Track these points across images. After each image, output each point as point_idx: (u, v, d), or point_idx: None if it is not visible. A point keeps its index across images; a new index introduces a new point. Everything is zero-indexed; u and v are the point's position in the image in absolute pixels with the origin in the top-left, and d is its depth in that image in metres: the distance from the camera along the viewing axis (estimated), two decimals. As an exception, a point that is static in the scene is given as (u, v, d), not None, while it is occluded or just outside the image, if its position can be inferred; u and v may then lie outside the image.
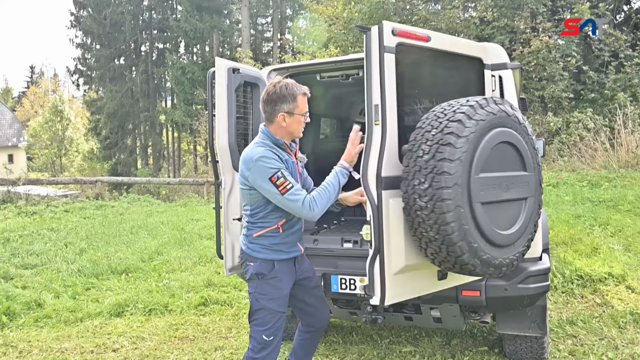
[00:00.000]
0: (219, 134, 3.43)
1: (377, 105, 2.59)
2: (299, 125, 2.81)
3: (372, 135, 2.61)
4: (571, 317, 4.46)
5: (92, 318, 5.16)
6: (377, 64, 2.58)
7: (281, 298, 2.86)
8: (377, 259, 2.59)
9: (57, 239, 9.12)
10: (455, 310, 3.28)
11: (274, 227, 2.80)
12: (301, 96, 2.76)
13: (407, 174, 2.57)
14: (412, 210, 2.55)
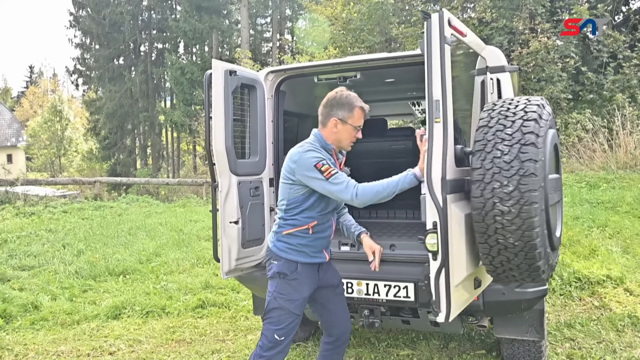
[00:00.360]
0: (216, 137, 3.41)
1: (438, 101, 2.41)
2: (349, 136, 2.84)
3: (434, 134, 2.42)
4: (569, 320, 4.45)
5: (89, 320, 5.14)
6: (438, 55, 2.42)
7: (299, 300, 2.86)
8: (443, 271, 2.40)
9: (55, 240, 9.09)
10: (452, 314, 3.26)
11: (304, 228, 2.83)
12: (359, 109, 2.81)
13: (481, 176, 2.40)
14: (488, 215, 2.38)
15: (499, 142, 2.38)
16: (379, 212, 4.96)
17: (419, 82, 4.91)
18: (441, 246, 2.37)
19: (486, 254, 2.48)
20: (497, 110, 2.53)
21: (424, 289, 3.06)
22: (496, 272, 2.54)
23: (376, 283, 3.33)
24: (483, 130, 2.48)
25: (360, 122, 2.84)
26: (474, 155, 2.46)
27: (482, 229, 2.42)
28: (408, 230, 4.31)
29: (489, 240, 2.42)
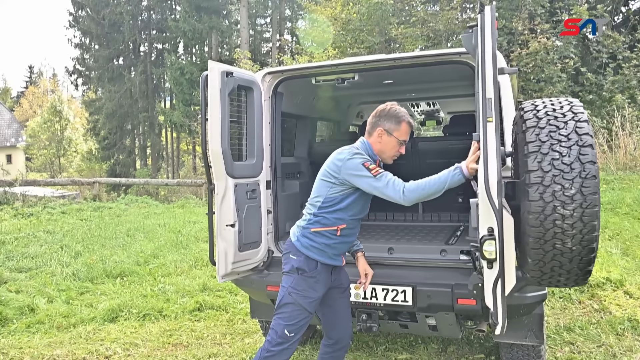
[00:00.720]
0: (212, 139, 3.37)
1: (490, 99, 2.31)
2: (393, 149, 2.89)
3: (487, 134, 2.32)
4: (568, 323, 4.42)
5: (86, 324, 5.11)
6: (490, 50, 2.33)
7: (313, 299, 2.89)
8: (500, 281, 2.28)
9: (53, 242, 9.07)
10: (451, 319, 3.23)
11: (334, 229, 2.87)
12: (406, 124, 2.87)
13: (540, 179, 2.31)
14: (547, 219, 2.29)
15: (555, 144, 2.31)
16: (377, 215, 4.93)
17: (418, 83, 4.92)
18: (499, 253, 2.27)
19: (538, 259, 2.39)
20: (542, 110, 2.46)
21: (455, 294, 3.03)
22: (542, 278, 2.47)
23: (374, 287, 3.29)
24: (533, 131, 2.39)
25: (405, 136, 2.89)
26: (527, 157, 2.36)
27: (538, 233, 2.32)
28: (406, 233, 4.27)
29: (545, 246, 2.34)
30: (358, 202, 2.87)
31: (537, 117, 2.44)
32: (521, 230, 2.43)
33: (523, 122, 2.48)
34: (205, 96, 3.38)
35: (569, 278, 2.43)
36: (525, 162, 2.36)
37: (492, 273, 2.31)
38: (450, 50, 3.41)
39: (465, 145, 4.57)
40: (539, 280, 2.51)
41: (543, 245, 2.34)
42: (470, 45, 2.58)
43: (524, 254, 2.48)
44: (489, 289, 2.32)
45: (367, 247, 3.64)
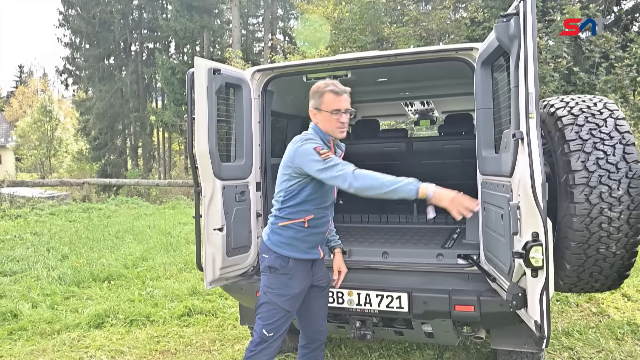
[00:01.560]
0: (199, 139, 3.23)
1: (532, 94, 2.15)
2: (331, 123, 2.74)
3: (530, 131, 2.14)
4: (567, 327, 4.32)
5: (70, 330, 4.93)
6: (531, 41, 2.18)
7: (289, 296, 2.79)
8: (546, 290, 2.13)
9: (40, 244, 8.88)
10: (448, 326, 3.11)
11: (300, 220, 2.77)
12: (328, 93, 2.73)
13: (585, 179, 2.18)
14: (593, 223, 2.17)
15: (598, 142, 2.19)
16: (370, 217, 4.81)
17: (412, 81, 4.80)
18: (546, 260, 2.10)
19: (578, 265, 2.26)
20: (575, 107, 2.34)
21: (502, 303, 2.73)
22: (576, 284, 2.35)
23: (368, 293, 3.17)
24: (572, 128, 2.27)
25: (335, 105, 2.72)
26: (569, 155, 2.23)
27: (582, 238, 2.20)
28: (401, 236, 4.14)
29: (588, 251, 2.22)
30: (319, 190, 2.75)
31: (572, 114, 2.31)
32: (560, 234, 2.30)
33: (557, 120, 2.35)
34: (192, 94, 3.24)
35: (605, 283, 2.33)
36: (567, 161, 2.22)
37: (537, 282, 2.13)
38: (447, 47, 3.29)
39: (461, 145, 4.47)
40: (571, 287, 2.40)
41: (586, 250, 2.22)
42: (506, 36, 2.37)
43: (561, 260, 2.34)
44: (534, 299, 2.15)
45: (361, 252, 3.53)
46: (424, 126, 6.98)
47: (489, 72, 2.94)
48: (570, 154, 2.24)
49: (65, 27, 34.12)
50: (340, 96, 2.74)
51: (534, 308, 2.17)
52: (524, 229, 2.17)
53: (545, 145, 2.53)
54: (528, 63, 2.20)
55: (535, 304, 2.16)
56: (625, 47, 15.03)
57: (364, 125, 5.48)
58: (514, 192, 2.33)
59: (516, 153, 2.31)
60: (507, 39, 2.39)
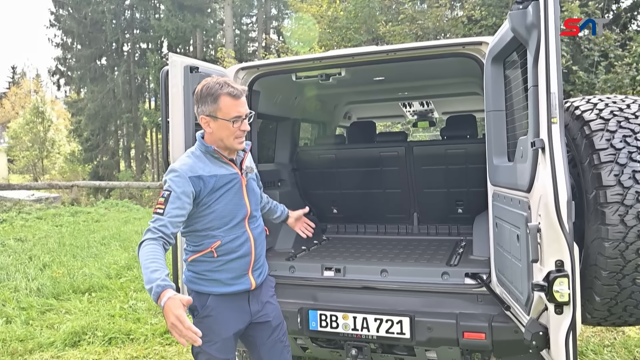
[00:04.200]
0: (174, 144, 2.89)
1: (554, 94, 1.84)
2: (229, 132, 2.26)
3: (553, 139, 1.83)
4: (580, 346, 3.99)
5: (44, 349, 4.57)
6: (554, 31, 1.86)
7: (220, 342, 2.32)
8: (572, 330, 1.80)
9: (23, 251, 8.50)
10: (455, 354, 2.78)
11: (207, 251, 2.31)
12: (225, 97, 2.23)
13: (620, 197, 1.86)
14: (628, 249, 1.85)
15: (634, 152, 1.87)
16: (367, 227, 4.46)
17: (412, 80, 4.46)
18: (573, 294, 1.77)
19: (610, 298, 1.94)
20: (605, 110, 2.02)
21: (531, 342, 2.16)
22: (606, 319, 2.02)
23: (365, 316, 2.83)
24: (602, 135, 1.94)
25: (234, 111, 2.24)
26: (599, 168, 1.91)
27: (616, 266, 1.88)
28: (401, 250, 3.78)
29: (623, 281, 1.89)
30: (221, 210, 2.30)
31: (602, 118, 1.97)
32: (587, 262, 1.95)
33: (584, 124, 1.99)
34: (167, 95, 2.89)
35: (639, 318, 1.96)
36: (597, 174, 1.89)
37: (562, 320, 1.80)
38: (453, 41, 2.95)
39: (466, 150, 4.14)
40: (600, 321, 2.04)
41: (620, 281, 1.88)
42: (522, 26, 2.01)
43: (589, 291, 1.99)
44: (558, 340, 1.80)
45: (357, 269, 3.19)
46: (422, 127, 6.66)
47: (500, 70, 2.60)
48: (600, 166, 1.91)
49: (57, 28, 33.69)
50: (239, 99, 2.27)
51: (559, 351, 1.82)
52: (546, 256, 1.84)
53: (569, 154, 2.18)
54: (550, 57, 1.86)
55: (560, 345, 1.81)
56: (624, 46, 14.77)
57: (359, 127, 5.13)
58: (533, 212, 1.97)
59: (535, 165, 1.96)
60: (524, 30, 2.03)
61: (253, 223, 2.42)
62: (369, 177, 4.25)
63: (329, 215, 4.49)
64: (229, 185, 2.32)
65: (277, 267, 3.28)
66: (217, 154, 2.32)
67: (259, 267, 2.44)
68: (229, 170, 2.35)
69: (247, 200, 2.38)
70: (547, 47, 1.89)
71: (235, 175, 2.36)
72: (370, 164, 4.24)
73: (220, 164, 2.34)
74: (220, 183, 2.30)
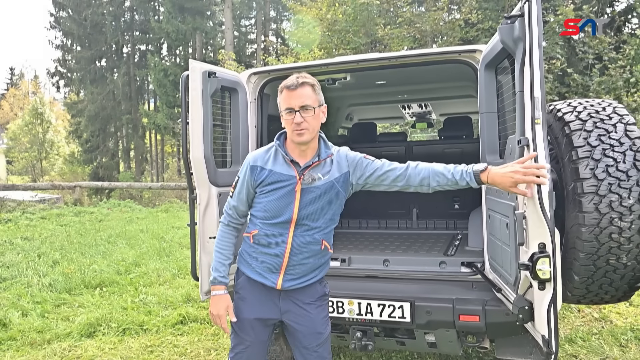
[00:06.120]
0: (193, 144, 3.13)
1: (538, 98, 2.09)
2: (288, 126, 2.33)
3: (536, 138, 2.08)
4: (570, 334, 4.24)
5: (61, 339, 4.80)
6: (537, 44, 2.10)
7: (242, 321, 2.44)
8: (553, 304, 2.06)
9: (31, 249, 8.71)
10: (451, 336, 3.02)
11: (248, 235, 2.46)
12: (283, 89, 2.33)
13: (594, 188, 2.11)
14: (602, 233, 2.10)
15: (607, 149, 2.11)
16: (369, 222, 4.71)
17: (412, 84, 4.71)
18: (554, 273, 2.03)
19: (587, 277, 2.19)
20: (582, 111, 2.27)
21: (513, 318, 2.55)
22: (585, 296, 2.28)
23: (369, 302, 3.07)
24: (580, 134, 2.18)
25: (285, 103, 2.30)
26: (577, 163, 2.15)
27: (592, 249, 2.13)
28: (401, 242, 4.04)
29: (598, 262, 2.14)
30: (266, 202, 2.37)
31: (580, 119, 2.23)
32: (567, 245, 2.22)
33: (564, 125, 2.26)
34: (186, 98, 3.14)
35: (615, 295, 2.25)
36: (575, 168, 2.14)
37: (544, 295, 2.06)
38: (449, 49, 3.20)
39: (462, 150, 4.38)
40: (580, 299, 2.31)
41: (595, 262, 2.14)
42: (510, 38, 2.27)
43: (569, 271, 2.26)
44: (541, 313, 2.07)
45: (361, 259, 3.44)
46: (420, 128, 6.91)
47: (493, 75, 2.86)
48: (578, 161, 2.16)
49: (57, 29, 33.86)
50: (293, 91, 2.28)
51: (541, 322, 2.10)
52: (531, 239, 2.10)
53: (552, 152, 2.44)
54: (534, 67, 2.12)
55: (542, 318, 2.09)
56: (618, 49, 15.06)
57: (361, 128, 5.38)
58: (520, 201, 2.24)
59: None
60: (511, 42, 2.31)
61: (301, 230, 2.35)
62: None
63: None
64: (280, 184, 2.34)
65: None
66: (283, 153, 2.37)
67: (293, 273, 2.39)
68: (287, 171, 2.35)
69: (296, 206, 2.32)
70: (532, 57, 2.14)
71: (291, 177, 2.33)
72: None
73: (283, 163, 2.37)
74: (272, 179, 2.35)
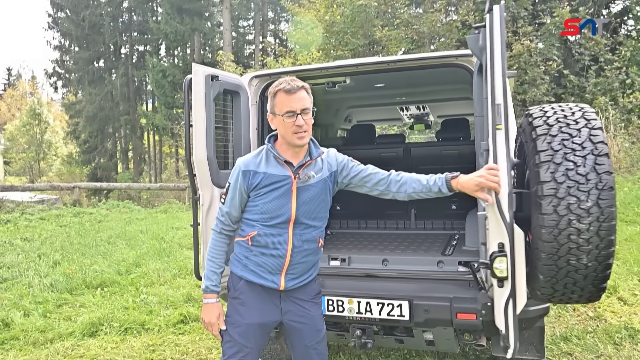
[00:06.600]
0: (197, 146, 3.20)
1: (499, 105, 2.20)
2: (287, 127, 2.34)
3: (497, 142, 2.21)
4: (565, 332, 4.32)
5: (64, 339, 4.86)
6: (500, 53, 2.20)
7: (243, 327, 2.42)
8: (511, 301, 2.18)
9: (31, 250, 8.76)
10: (449, 334, 3.09)
11: (245, 238, 2.45)
12: (280, 93, 2.35)
13: (553, 191, 2.17)
14: (561, 235, 2.16)
15: (569, 153, 2.18)
16: (368, 223, 4.78)
17: (410, 87, 4.79)
18: (511, 271, 2.15)
19: (550, 276, 2.27)
20: (552, 117, 2.33)
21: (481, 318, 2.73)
22: (553, 295, 2.34)
23: (368, 301, 3.14)
24: (545, 139, 2.25)
25: (287, 106, 2.33)
26: (539, 167, 2.23)
27: (552, 249, 2.20)
28: (400, 242, 4.12)
29: (559, 262, 2.21)
30: (264, 202, 2.40)
31: (547, 124, 2.30)
32: (532, 245, 2.30)
33: (532, 130, 2.34)
34: (189, 101, 3.20)
35: (582, 295, 2.30)
36: (537, 172, 2.22)
37: (503, 292, 2.18)
38: (447, 53, 3.28)
39: (459, 151, 4.46)
40: (549, 298, 2.38)
41: (557, 262, 2.21)
42: (476, 47, 2.42)
43: (534, 271, 2.34)
44: (499, 309, 2.19)
45: (361, 259, 3.50)
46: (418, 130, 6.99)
47: (482, 80, 2.94)
48: (540, 165, 2.24)
49: (55, 30, 33.86)
50: (292, 94, 2.34)
51: (500, 318, 2.21)
52: (491, 239, 2.21)
53: (525, 155, 2.53)
54: (495, 75, 2.23)
55: (500, 314, 2.20)
56: (614, 50, 15.19)
57: (359, 130, 5.46)
58: (482, 203, 2.35)
59: (486, 164, 2.37)
60: (477, 51, 2.45)
61: (300, 229, 2.42)
62: None
63: (333, 212, 4.79)
64: (276, 185, 2.38)
65: None
66: (275, 154, 2.41)
67: (295, 272, 2.44)
68: (281, 172, 2.39)
69: (293, 205, 2.38)
70: (493, 66, 2.25)
71: (286, 177, 2.39)
72: (371, 163, 4.56)
73: (276, 164, 2.41)
74: (267, 181, 2.38)
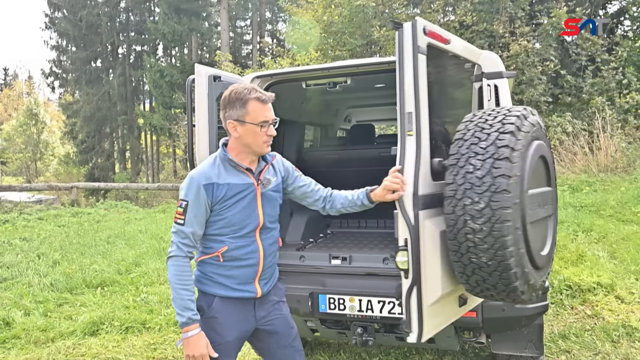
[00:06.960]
0: (199, 146, 3.24)
1: (410, 113, 2.33)
2: (257, 137, 2.32)
3: (406, 147, 2.36)
4: (563, 330, 4.36)
5: (65, 338, 4.88)
6: (410, 66, 2.33)
7: (222, 345, 2.34)
8: (414, 290, 2.32)
9: (30, 250, 8.77)
10: (449, 331, 3.13)
11: (214, 255, 2.34)
12: (253, 101, 2.29)
13: (453, 192, 2.29)
14: (459, 233, 2.27)
15: (472, 157, 2.28)
16: (368, 222, 4.82)
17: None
18: (412, 264, 2.31)
19: (461, 272, 2.40)
20: (475, 122, 2.42)
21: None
22: (474, 291, 2.46)
23: (370, 299, 3.17)
24: (458, 143, 2.37)
25: (262, 116, 2.31)
26: (447, 169, 2.38)
27: (454, 246, 2.34)
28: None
29: (462, 259, 2.34)
30: (231, 216, 2.33)
31: (466, 129, 2.40)
32: None
33: (455, 133, 2.45)
34: (192, 102, 3.24)
35: (499, 293, 2.39)
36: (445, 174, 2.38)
37: (406, 283, 2.35)
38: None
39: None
40: (473, 293, 2.48)
41: (461, 259, 2.34)
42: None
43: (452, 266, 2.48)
44: (404, 298, 2.36)
45: (361, 258, 3.54)
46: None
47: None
48: (447, 168, 2.37)
49: (52, 30, 33.79)
50: (267, 104, 2.34)
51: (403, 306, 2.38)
52: (400, 235, 2.37)
53: None
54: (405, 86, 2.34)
55: (404, 302, 2.37)
56: (611, 50, 15.27)
57: (359, 130, 5.49)
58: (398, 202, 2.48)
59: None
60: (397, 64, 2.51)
61: (265, 234, 2.42)
62: (370, 175, 4.60)
63: None
64: (241, 194, 2.33)
65: (289, 256, 3.61)
66: (234, 163, 2.34)
67: (266, 277, 2.45)
68: (243, 180, 2.35)
69: (260, 212, 2.38)
70: (403, 78, 2.35)
71: (250, 185, 2.36)
72: (371, 163, 4.60)
73: (236, 173, 2.35)
74: (232, 192, 2.32)
